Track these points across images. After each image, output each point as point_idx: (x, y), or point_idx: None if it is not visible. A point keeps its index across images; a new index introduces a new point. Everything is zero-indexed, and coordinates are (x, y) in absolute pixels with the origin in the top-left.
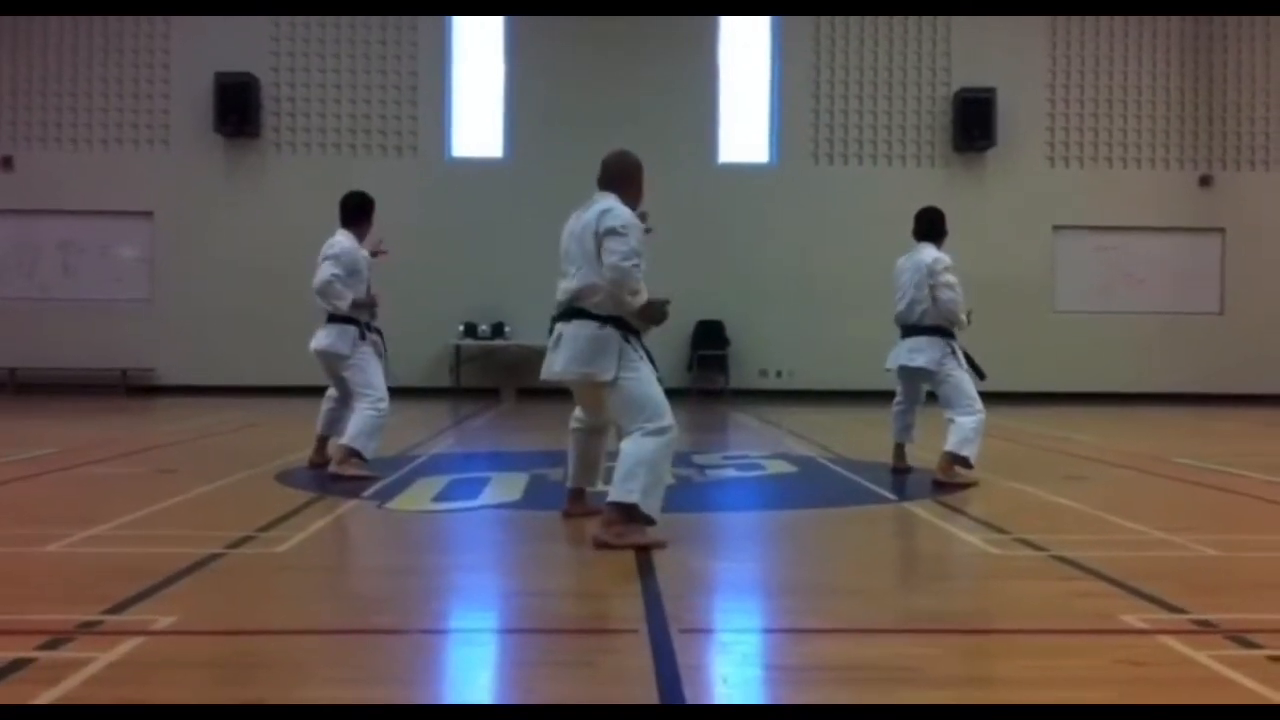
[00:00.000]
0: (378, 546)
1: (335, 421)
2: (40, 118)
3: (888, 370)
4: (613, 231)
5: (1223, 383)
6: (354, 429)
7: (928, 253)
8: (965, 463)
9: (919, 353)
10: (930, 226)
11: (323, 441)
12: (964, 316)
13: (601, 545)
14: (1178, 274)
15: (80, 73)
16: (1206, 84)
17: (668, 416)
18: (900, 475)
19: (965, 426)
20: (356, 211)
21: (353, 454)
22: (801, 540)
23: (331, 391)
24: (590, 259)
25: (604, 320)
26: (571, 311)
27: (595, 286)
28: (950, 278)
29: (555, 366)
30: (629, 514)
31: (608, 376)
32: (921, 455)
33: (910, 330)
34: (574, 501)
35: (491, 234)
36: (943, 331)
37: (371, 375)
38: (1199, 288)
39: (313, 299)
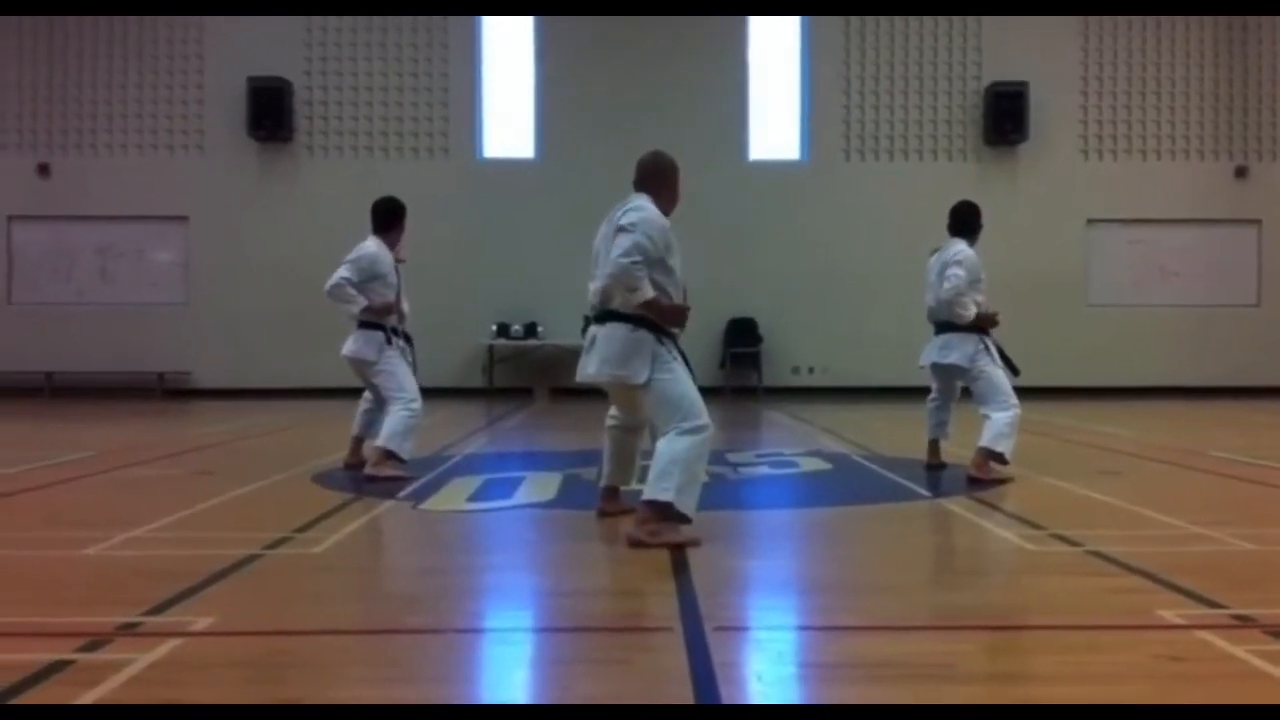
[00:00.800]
0: (413, 547)
1: (371, 423)
2: (75, 125)
3: (921, 367)
4: (622, 228)
5: (1259, 376)
6: (388, 430)
7: (953, 247)
8: (1000, 458)
9: (951, 349)
10: (964, 221)
11: (358, 443)
12: (970, 311)
13: (636, 544)
14: (1213, 267)
15: (114, 79)
16: (1241, 74)
17: (703, 415)
18: (935, 471)
19: (1000, 422)
20: (387, 217)
21: (388, 455)
22: (835, 537)
23: (368, 394)
24: None
25: (636, 322)
26: (605, 314)
27: (612, 288)
28: (958, 270)
29: (589, 369)
30: (663, 512)
31: (641, 379)
32: (956, 451)
33: (942, 326)
34: (608, 500)
35: (523, 234)
36: (975, 327)
37: (401, 378)
38: (1235, 280)
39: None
